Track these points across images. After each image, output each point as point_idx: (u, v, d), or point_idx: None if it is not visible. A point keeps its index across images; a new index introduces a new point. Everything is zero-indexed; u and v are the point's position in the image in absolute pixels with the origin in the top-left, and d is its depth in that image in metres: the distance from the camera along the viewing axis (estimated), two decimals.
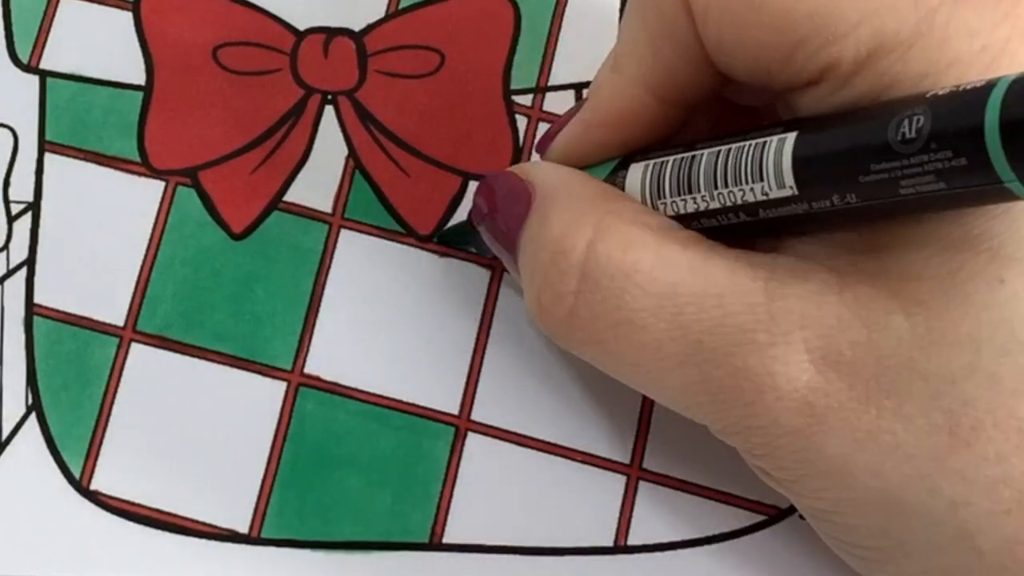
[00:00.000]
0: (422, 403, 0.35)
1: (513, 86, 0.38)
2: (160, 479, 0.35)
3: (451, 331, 0.36)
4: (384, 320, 0.36)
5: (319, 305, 0.36)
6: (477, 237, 0.34)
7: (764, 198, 0.26)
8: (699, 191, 0.28)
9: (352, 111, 0.37)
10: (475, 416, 0.35)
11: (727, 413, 0.27)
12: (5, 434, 0.35)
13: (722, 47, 0.27)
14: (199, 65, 0.38)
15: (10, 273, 0.36)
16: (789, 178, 0.26)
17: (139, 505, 0.34)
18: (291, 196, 0.37)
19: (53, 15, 0.38)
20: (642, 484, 0.35)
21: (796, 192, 0.26)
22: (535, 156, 0.36)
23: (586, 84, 0.38)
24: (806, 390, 0.26)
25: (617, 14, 0.39)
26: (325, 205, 0.37)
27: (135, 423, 0.35)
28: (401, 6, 0.38)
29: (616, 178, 0.30)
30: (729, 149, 0.27)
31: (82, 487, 0.34)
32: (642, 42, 0.29)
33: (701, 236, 0.28)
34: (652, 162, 0.29)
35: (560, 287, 0.28)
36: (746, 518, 0.35)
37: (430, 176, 0.37)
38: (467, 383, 0.35)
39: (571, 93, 0.38)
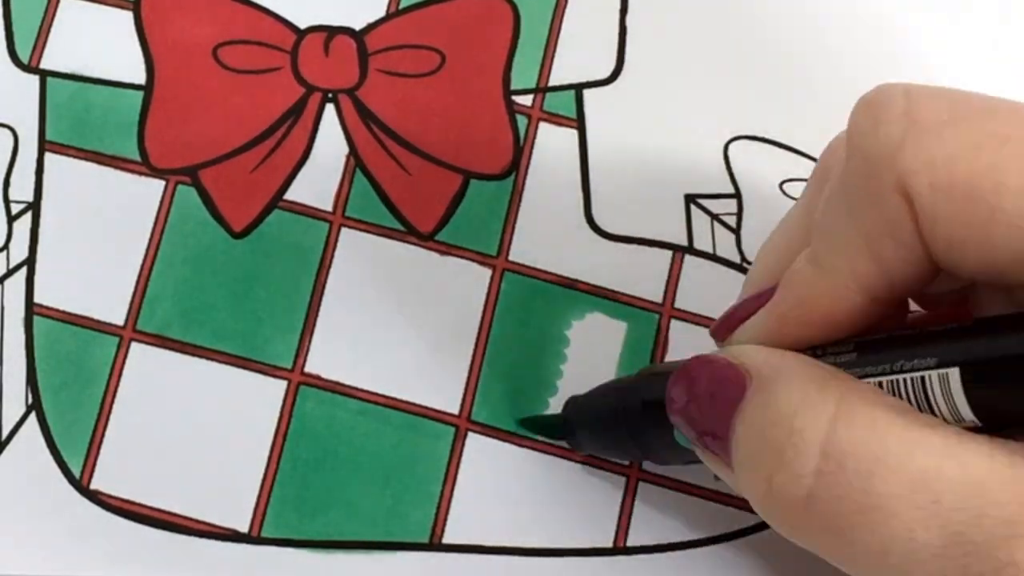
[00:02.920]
0: (422, 403, 0.35)
1: (513, 86, 0.38)
2: (160, 479, 0.35)
3: (451, 330, 0.36)
4: (385, 319, 0.36)
5: (319, 304, 0.36)
6: (571, 433, 0.34)
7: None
8: None
9: (353, 109, 0.37)
10: (475, 416, 0.35)
11: None
12: (5, 434, 0.35)
13: (952, 248, 0.25)
14: (199, 64, 0.38)
15: (10, 273, 0.36)
16: (968, 413, 0.25)
17: (139, 505, 0.34)
18: (291, 195, 0.37)
19: (53, 15, 0.38)
20: (641, 485, 0.35)
21: (981, 425, 0.25)
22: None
23: (585, 84, 0.38)
24: None
25: (617, 14, 0.39)
26: (326, 204, 0.37)
27: (135, 423, 0.35)
28: (401, 6, 0.38)
29: None
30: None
31: (82, 487, 0.34)
32: (854, 242, 0.26)
33: (944, 421, 0.25)
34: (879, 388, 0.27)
35: (796, 468, 0.26)
36: (746, 519, 0.35)
37: (431, 174, 0.37)
38: (467, 383, 0.35)
39: (571, 94, 0.38)
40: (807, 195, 0.30)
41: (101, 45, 0.38)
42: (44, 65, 0.38)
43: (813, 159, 0.38)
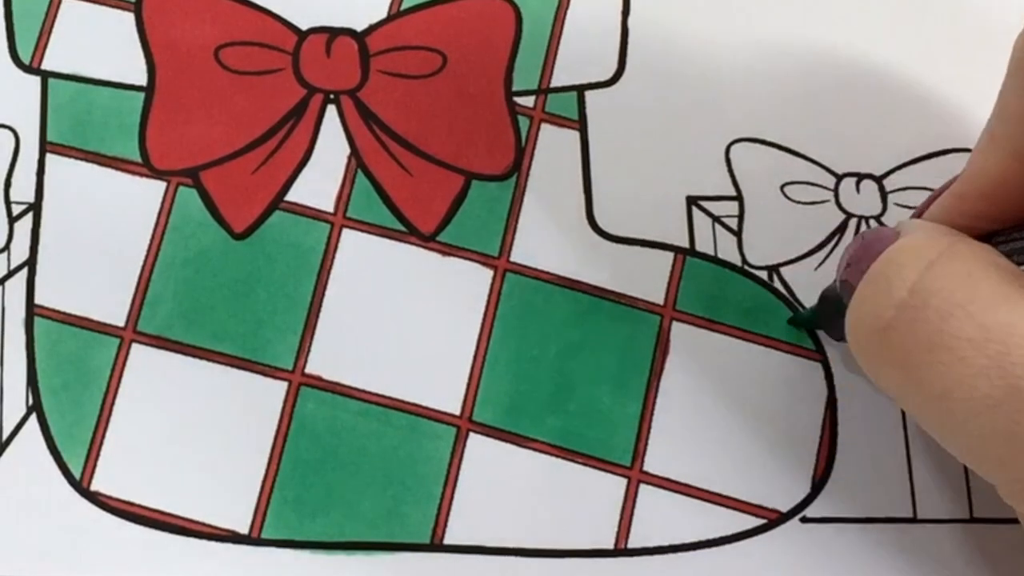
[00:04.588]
0: (423, 403, 0.35)
1: (515, 87, 0.38)
2: (160, 479, 0.34)
3: (453, 331, 0.36)
4: (386, 320, 0.36)
5: (320, 305, 0.36)
6: (832, 318, 0.34)
7: None
8: None
9: (354, 110, 0.37)
10: (476, 417, 0.35)
11: None
12: (5, 434, 0.35)
13: None
14: (201, 65, 0.38)
15: (11, 274, 0.36)
16: None
17: (139, 505, 0.34)
18: (293, 196, 0.37)
19: (55, 16, 0.38)
20: (643, 487, 0.35)
21: None
22: None
23: (587, 86, 0.38)
24: None
25: (619, 16, 0.39)
26: (327, 205, 0.37)
27: (135, 423, 0.35)
28: (403, 7, 0.38)
29: None
30: None
31: (82, 487, 0.34)
32: (1017, 111, 0.28)
33: None
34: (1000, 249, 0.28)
35: (883, 298, 0.27)
36: (747, 521, 0.35)
37: (432, 175, 0.37)
38: (468, 383, 0.35)
39: (573, 95, 0.38)
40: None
41: (102, 46, 0.38)
42: (45, 66, 0.38)
43: (814, 161, 0.38)
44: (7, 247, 0.36)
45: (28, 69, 0.38)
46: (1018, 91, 0.28)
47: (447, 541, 0.34)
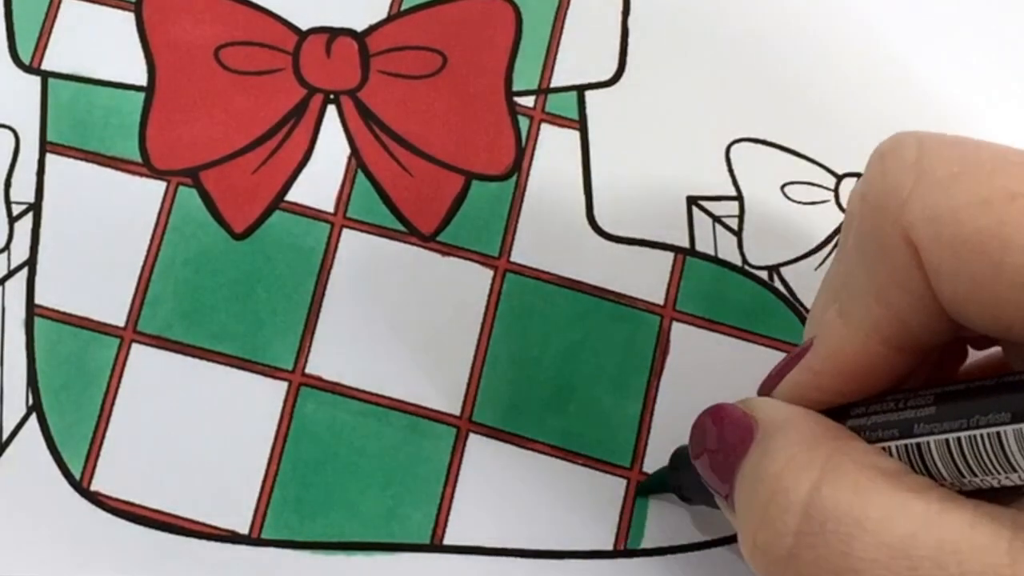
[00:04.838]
0: (423, 404, 0.35)
1: (515, 87, 0.38)
2: (160, 479, 0.34)
3: (453, 331, 0.36)
4: (386, 320, 0.36)
5: (320, 305, 0.36)
6: (680, 482, 0.33)
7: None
8: (943, 478, 0.26)
9: (355, 111, 0.37)
10: (476, 417, 0.35)
11: None
12: (5, 434, 0.35)
13: (957, 302, 0.25)
14: (201, 65, 0.38)
15: (11, 274, 0.36)
16: None
17: (139, 505, 0.34)
18: (293, 196, 0.37)
19: (55, 15, 0.38)
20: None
21: None
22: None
23: (587, 86, 0.38)
24: None
25: (619, 16, 0.39)
26: (327, 205, 0.37)
27: (135, 423, 0.35)
28: (403, 7, 0.38)
29: None
30: (959, 439, 0.25)
31: (82, 487, 0.34)
32: (870, 292, 0.27)
33: (935, 483, 0.26)
34: (875, 446, 0.27)
35: (779, 526, 0.26)
36: None
37: (432, 175, 0.37)
38: (468, 384, 0.35)
39: (573, 95, 0.38)
40: (839, 243, 0.30)
41: (102, 46, 0.38)
42: (45, 66, 0.38)
43: (815, 162, 0.38)
44: (7, 247, 0.36)
45: (28, 69, 0.38)
46: (865, 264, 0.27)
47: (447, 541, 0.34)
